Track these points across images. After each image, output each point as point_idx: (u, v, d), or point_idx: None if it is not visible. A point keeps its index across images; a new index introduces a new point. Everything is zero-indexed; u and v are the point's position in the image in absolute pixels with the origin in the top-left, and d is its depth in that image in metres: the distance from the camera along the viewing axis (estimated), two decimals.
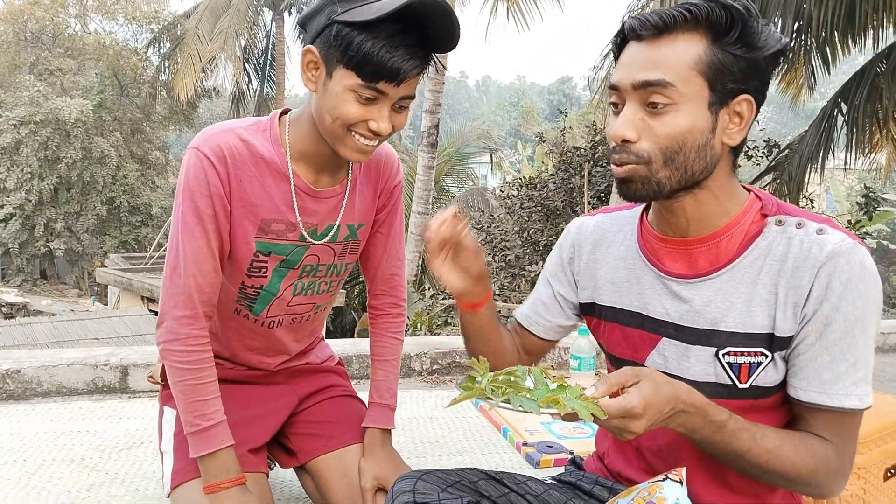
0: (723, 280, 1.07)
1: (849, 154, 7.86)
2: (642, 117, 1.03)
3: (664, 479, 1.02)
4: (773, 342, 1.04)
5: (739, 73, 1.01)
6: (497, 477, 1.23)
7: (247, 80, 19.92)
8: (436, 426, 2.66)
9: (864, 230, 9.39)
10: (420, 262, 9.89)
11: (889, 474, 1.52)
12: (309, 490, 1.69)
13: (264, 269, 1.47)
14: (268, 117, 1.45)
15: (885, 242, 19.07)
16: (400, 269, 1.68)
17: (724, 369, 1.07)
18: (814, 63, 7.84)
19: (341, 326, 12.54)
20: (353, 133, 1.29)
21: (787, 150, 8.81)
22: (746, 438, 1.00)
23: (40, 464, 2.16)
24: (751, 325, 1.05)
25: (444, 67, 1.46)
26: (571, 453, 2.14)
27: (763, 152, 9.53)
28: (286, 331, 1.62)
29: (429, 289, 12.54)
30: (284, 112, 1.47)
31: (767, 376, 1.06)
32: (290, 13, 19.21)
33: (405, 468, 1.58)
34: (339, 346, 3.36)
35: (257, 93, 20.14)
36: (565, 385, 0.97)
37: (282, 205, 1.42)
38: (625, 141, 1.04)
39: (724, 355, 1.07)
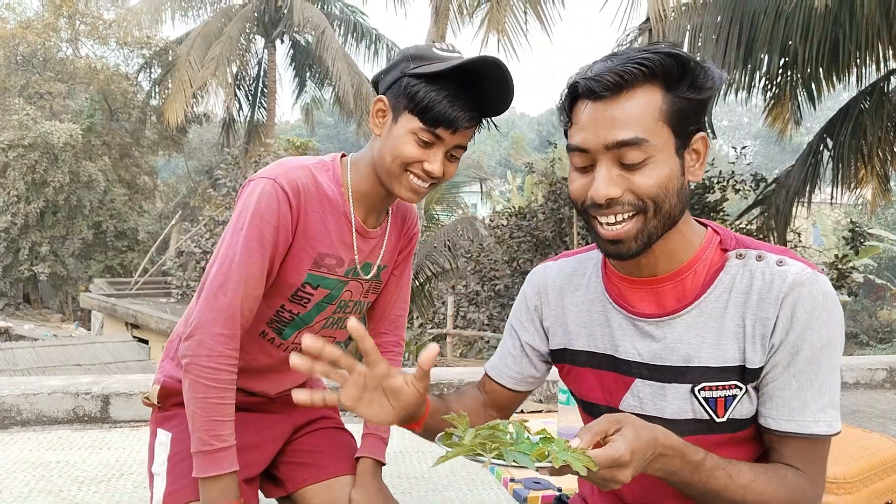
0: (692, 316, 1.09)
1: (835, 188, 7.96)
2: (619, 174, 1.04)
3: None
4: (745, 374, 1.06)
5: (694, 115, 1.05)
6: None
7: (238, 106, 20.00)
8: (422, 461, 2.62)
9: (850, 264, 9.46)
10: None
11: None
12: None
13: (307, 300, 1.52)
14: (329, 157, 1.54)
15: (871, 277, 19.23)
16: (405, 311, 1.75)
17: (701, 404, 1.08)
18: (800, 98, 7.97)
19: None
20: (408, 173, 1.40)
21: (774, 184, 8.90)
22: (722, 476, 1.01)
23: (16, 496, 2.10)
24: (722, 358, 1.07)
25: (496, 126, 1.56)
26: (559, 490, 2.11)
27: (750, 186, 9.62)
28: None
29: (416, 318, 12.50)
30: (343, 155, 1.57)
31: (743, 408, 1.07)
32: (281, 41, 19.36)
33: (394, 503, 1.56)
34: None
35: (248, 119, 20.21)
36: (550, 437, 0.96)
37: (337, 241, 1.50)
38: (611, 199, 1.04)
39: (699, 391, 1.08)
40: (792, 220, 8.53)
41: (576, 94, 1.07)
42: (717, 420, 1.08)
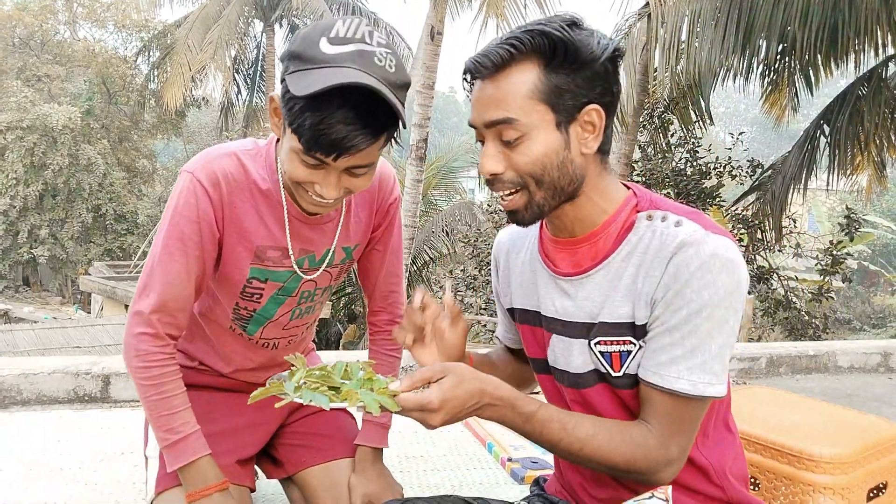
0: (600, 275, 1.13)
1: (831, 175, 7.97)
2: (501, 150, 1.09)
3: (650, 498, 1.03)
4: (636, 330, 1.09)
5: (578, 89, 1.06)
6: (471, 500, 1.27)
7: (236, 90, 19.88)
8: (420, 441, 2.66)
9: (845, 251, 9.49)
10: (406, 276, 9.86)
11: (871, 495, 1.54)
12: (294, 500, 1.68)
13: (258, 296, 1.47)
14: (265, 141, 1.43)
15: (865, 263, 19.26)
16: (398, 286, 1.68)
17: (598, 358, 1.13)
18: (797, 84, 7.96)
19: (326, 338, 12.49)
20: (305, 190, 1.27)
21: (770, 171, 8.92)
22: (557, 429, 1.06)
23: (17, 475, 2.14)
24: (617, 314, 1.10)
25: (398, 143, 1.38)
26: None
27: (747, 172, 9.63)
28: (282, 351, 1.62)
29: None
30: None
31: (638, 364, 1.10)
32: (280, 25, 19.23)
33: (396, 487, 1.58)
34: (325, 359, 3.35)
35: (246, 103, 20.11)
36: (374, 378, 1.04)
37: (276, 231, 1.41)
38: (494, 174, 1.10)
39: (595, 345, 1.13)
40: (788, 207, 8.55)
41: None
42: (614, 374, 1.12)
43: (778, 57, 7.50)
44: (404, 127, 1.23)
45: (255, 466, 1.71)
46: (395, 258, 1.64)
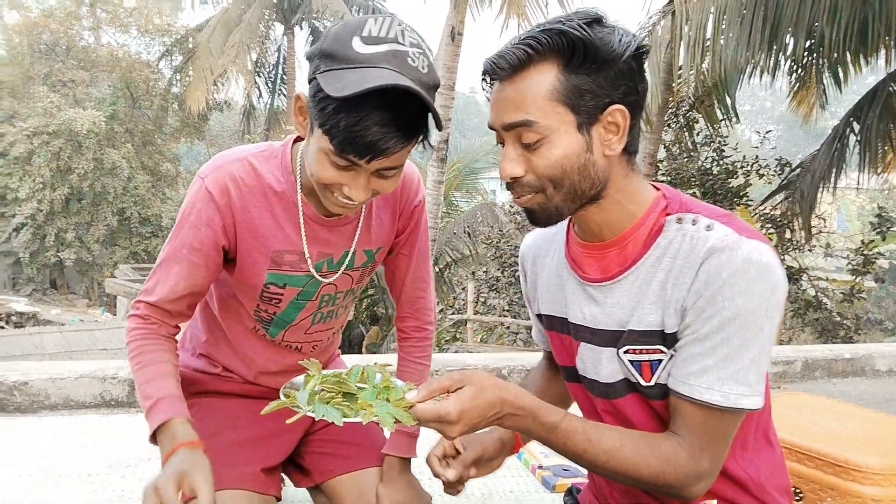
0: (629, 281, 1.09)
1: (861, 173, 7.83)
2: (521, 153, 1.05)
3: None
4: (666, 339, 1.05)
5: (599, 89, 1.02)
6: None
7: (258, 93, 20.01)
8: None
9: (876, 250, 9.31)
10: None
11: None
12: None
13: (277, 300, 1.44)
14: (280, 143, 1.40)
15: None
16: (425, 291, 1.63)
17: (627, 367, 1.09)
18: (825, 82, 7.82)
19: (349, 340, 12.50)
20: (332, 192, 1.23)
21: (798, 169, 8.78)
22: (581, 440, 1.03)
23: (44, 480, 2.13)
24: (646, 322, 1.06)
25: (431, 145, 1.27)
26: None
27: (775, 171, 9.49)
28: (307, 356, 1.58)
29: (437, 304, 12.49)
30: (299, 139, 1.39)
31: (668, 374, 1.06)
32: (301, 27, 19.33)
33: (425, 496, 1.55)
34: (349, 363, 3.33)
35: (268, 106, 20.23)
36: (391, 386, 1.01)
37: (292, 234, 1.37)
38: (514, 178, 1.07)
39: (624, 353, 1.09)
40: (817, 206, 8.40)
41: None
42: (645, 384, 1.08)
43: (806, 53, 7.37)
44: (440, 129, 1.21)
45: (283, 474, 1.69)
46: (421, 263, 1.60)
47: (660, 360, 1.06)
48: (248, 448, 1.51)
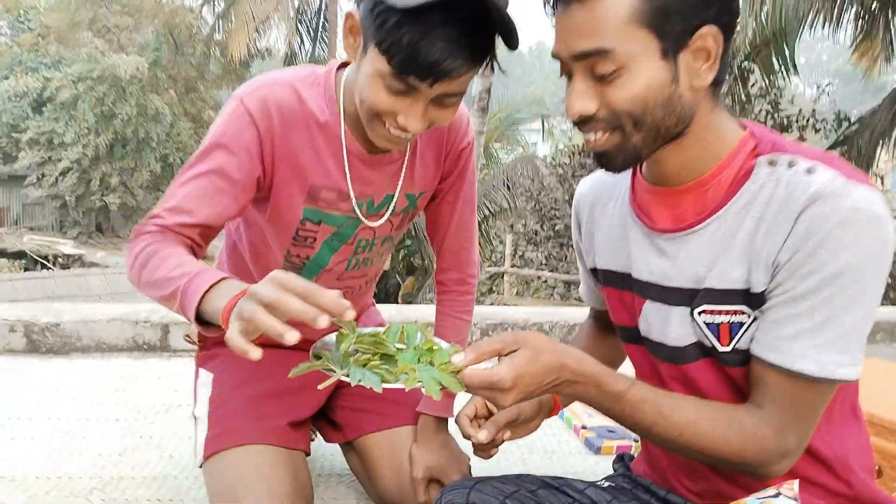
0: (708, 232, 0.95)
1: None
2: (593, 86, 0.91)
3: (776, 496, 0.85)
4: (752, 299, 0.91)
5: (689, 8, 0.87)
6: (556, 484, 1.13)
7: (299, 40, 19.80)
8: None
9: None
10: None
11: None
12: (354, 468, 1.58)
13: (311, 240, 1.34)
14: (324, 69, 1.27)
15: None
16: (470, 242, 1.52)
17: (702, 329, 0.96)
18: (893, 32, 7.38)
19: (385, 290, 12.50)
20: (383, 122, 1.10)
21: (857, 125, 8.37)
22: (651, 412, 0.92)
23: (73, 424, 2.09)
24: (728, 279, 0.93)
25: (501, 69, 1.12)
26: (636, 440, 1.98)
27: (832, 125, 9.09)
28: None
29: None
30: (344, 65, 1.27)
31: (751, 338, 0.93)
32: None
33: (462, 458, 1.45)
34: (385, 313, 3.22)
35: (309, 54, 20.02)
36: (434, 348, 0.91)
37: (333, 170, 1.26)
38: (584, 116, 0.92)
39: (699, 314, 0.96)
40: (875, 163, 8.03)
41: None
42: (722, 349, 0.94)
43: (875, 2, 6.92)
44: (515, 47, 1.05)
45: (313, 429, 1.61)
46: (467, 211, 1.48)
47: (741, 323, 0.93)
48: (275, 401, 1.42)
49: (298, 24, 19.38)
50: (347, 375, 0.87)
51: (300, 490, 1.33)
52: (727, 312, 0.94)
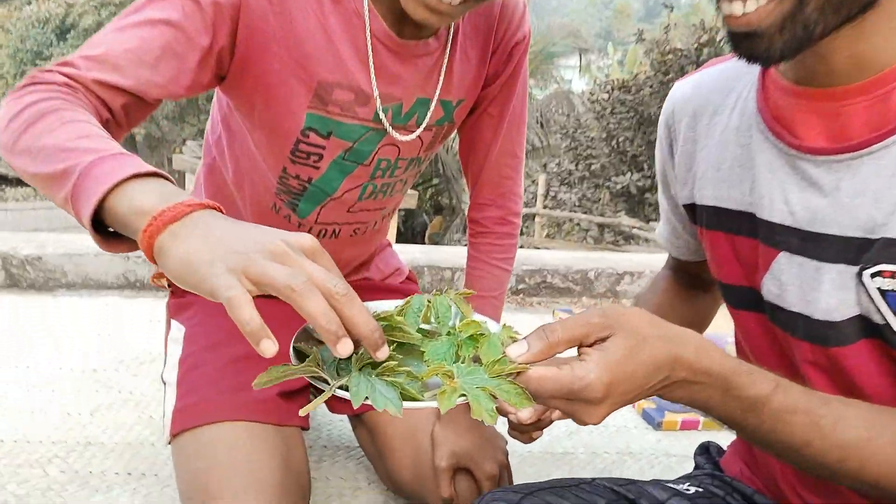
0: (891, 154, 0.66)
1: None
2: None
3: None
4: None
5: None
6: (630, 495, 0.84)
7: None
8: None
9: None
10: None
11: None
12: (364, 444, 1.29)
13: (316, 157, 1.02)
14: None
15: None
16: (515, 170, 1.22)
17: (872, 298, 0.67)
18: None
19: (412, 229, 12.19)
20: None
21: None
22: (804, 425, 0.63)
23: (44, 374, 1.79)
24: None
25: None
26: (704, 415, 1.65)
27: None
28: (343, 244, 1.17)
29: None
30: None
31: None
32: None
33: (498, 443, 1.13)
34: (409, 255, 2.87)
35: None
36: (481, 333, 0.59)
37: (351, 60, 0.96)
38: None
39: (872, 276, 0.67)
40: None
41: None
42: None
43: None
44: None
45: (314, 393, 1.29)
46: (514, 130, 1.17)
47: None
48: (261, 365, 1.09)
49: None
50: (345, 388, 0.55)
51: (293, 479, 1.03)
52: None
